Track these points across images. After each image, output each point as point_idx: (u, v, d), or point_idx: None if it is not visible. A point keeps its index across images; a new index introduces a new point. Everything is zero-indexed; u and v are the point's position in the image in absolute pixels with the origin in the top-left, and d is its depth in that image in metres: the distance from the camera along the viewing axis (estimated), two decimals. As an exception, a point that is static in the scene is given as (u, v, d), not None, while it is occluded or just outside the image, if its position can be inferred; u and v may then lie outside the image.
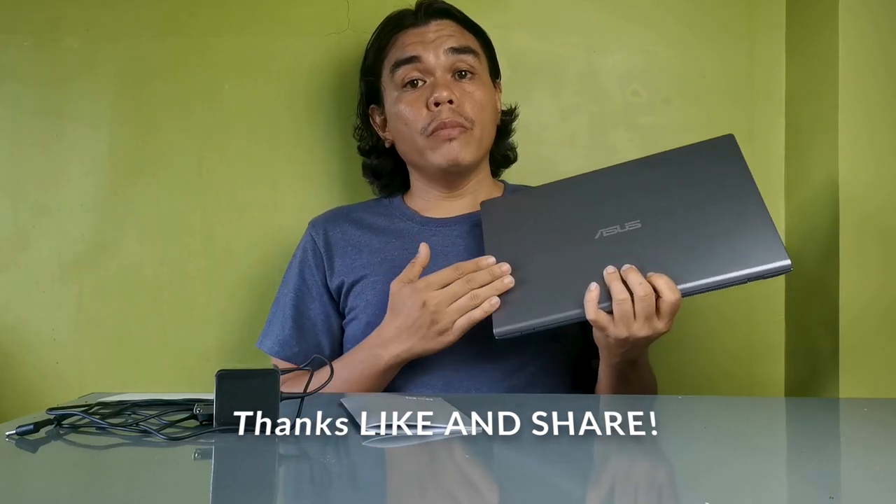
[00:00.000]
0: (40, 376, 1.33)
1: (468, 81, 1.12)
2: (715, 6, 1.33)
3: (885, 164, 1.15)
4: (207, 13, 1.34)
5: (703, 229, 0.94)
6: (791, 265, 0.90)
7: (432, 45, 1.12)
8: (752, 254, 0.91)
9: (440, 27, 1.13)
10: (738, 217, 0.94)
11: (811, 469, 0.68)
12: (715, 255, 0.92)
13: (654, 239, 0.95)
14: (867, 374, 1.14)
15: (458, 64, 1.12)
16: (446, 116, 1.09)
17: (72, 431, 0.77)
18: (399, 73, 1.12)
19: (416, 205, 1.19)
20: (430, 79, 1.11)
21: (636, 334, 0.92)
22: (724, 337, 1.33)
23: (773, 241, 0.91)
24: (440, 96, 1.09)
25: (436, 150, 1.10)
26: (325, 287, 1.15)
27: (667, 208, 0.97)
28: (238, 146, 1.34)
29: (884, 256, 1.14)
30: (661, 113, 1.34)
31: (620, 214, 0.98)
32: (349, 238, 1.16)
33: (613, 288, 0.91)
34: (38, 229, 1.33)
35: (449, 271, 1.00)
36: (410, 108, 1.11)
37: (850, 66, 1.15)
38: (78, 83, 1.33)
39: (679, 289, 0.91)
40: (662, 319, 0.92)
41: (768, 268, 0.90)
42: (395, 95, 1.13)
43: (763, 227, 0.92)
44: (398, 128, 1.14)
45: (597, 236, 0.98)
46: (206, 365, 1.32)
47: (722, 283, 0.91)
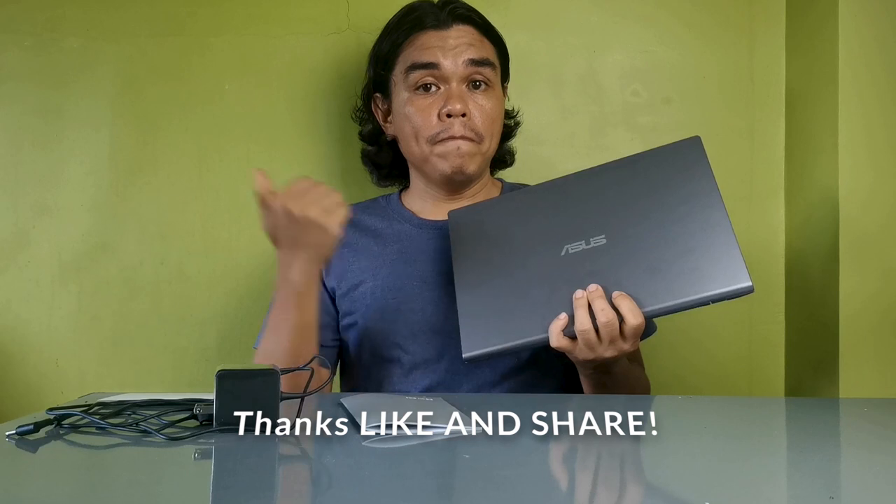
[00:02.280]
0: (40, 376, 1.33)
1: (481, 93, 1.12)
2: (715, 6, 1.34)
3: (885, 164, 1.15)
4: (207, 13, 1.34)
5: (667, 247, 0.94)
6: (753, 287, 0.90)
7: (451, 53, 1.10)
8: (715, 276, 0.91)
9: (461, 33, 1.12)
10: (702, 235, 0.94)
11: (811, 469, 0.68)
12: (678, 276, 0.92)
13: (619, 257, 0.95)
14: (867, 374, 1.14)
15: (475, 76, 1.11)
16: (457, 130, 1.09)
17: (72, 431, 0.77)
18: (414, 75, 1.11)
19: (413, 205, 1.19)
20: (445, 87, 1.11)
21: (602, 356, 0.93)
22: (724, 337, 1.33)
23: (736, 262, 0.91)
24: (454, 109, 1.08)
25: (442, 158, 1.10)
26: (323, 286, 1.15)
27: (631, 222, 0.97)
28: (238, 146, 1.34)
29: (884, 256, 1.14)
30: (661, 113, 1.33)
31: (586, 228, 0.98)
32: (346, 239, 1.15)
33: (578, 316, 0.91)
34: (38, 229, 1.34)
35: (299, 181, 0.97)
36: (421, 114, 1.10)
37: (850, 66, 1.15)
38: (78, 83, 1.33)
39: (643, 312, 0.91)
40: (627, 341, 0.93)
41: (730, 289, 0.90)
42: (405, 96, 1.12)
43: (726, 247, 0.92)
44: (404, 128, 1.13)
45: (563, 252, 0.98)
46: (206, 365, 1.32)
47: (685, 305, 0.91)
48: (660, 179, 0.99)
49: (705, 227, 0.94)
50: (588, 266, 0.95)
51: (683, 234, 0.94)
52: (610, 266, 0.95)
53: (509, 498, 0.60)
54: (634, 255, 0.95)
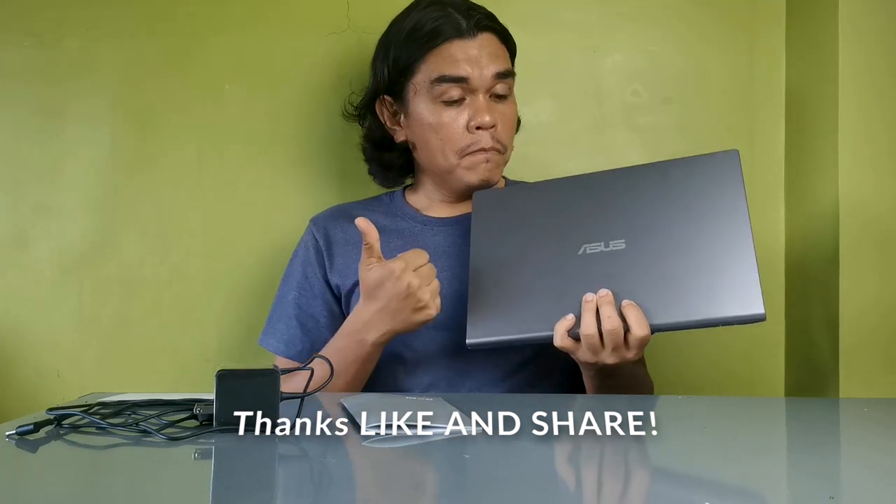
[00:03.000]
0: (40, 376, 1.33)
1: (504, 104, 1.12)
2: (715, 6, 1.33)
3: (886, 164, 1.15)
4: (207, 13, 1.34)
5: (685, 261, 0.93)
6: (765, 315, 0.89)
7: (478, 66, 1.09)
8: (729, 299, 0.89)
9: (484, 43, 1.11)
10: (723, 254, 0.92)
11: (811, 469, 0.68)
12: (692, 294, 0.91)
13: (635, 264, 0.94)
14: (867, 374, 1.14)
15: (498, 87, 1.11)
16: (486, 143, 1.09)
17: (72, 431, 0.77)
18: (442, 87, 1.09)
19: (418, 202, 1.19)
20: (470, 97, 1.10)
21: (604, 361, 0.93)
22: (724, 337, 1.32)
23: (753, 288, 0.89)
24: (484, 122, 1.08)
25: (470, 171, 1.11)
26: (327, 284, 1.15)
27: (653, 229, 0.96)
28: (238, 146, 1.34)
29: (884, 256, 1.14)
30: (661, 113, 1.33)
31: (606, 230, 0.97)
32: (350, 237, 1.15)
33: (585, 319, 0.91)
34: (38, 229, 1.34)
35: (419, 255, 0.99)
36: (450, 127, 1.10)
37: (850, 66, 1.15)
38: (78, 83, 1.33)
39: (650, 325, 0.91)
40: (631, 351, 0.92)
41: (742, 315, 0.89)
42: (430, 106, 1.11)
43: (745, 271, 0.90)
44: (428, 139, 1.12)
45: (580, 252, 0.97)
46: (206, 365, 1.32)
47: (694, 324, 0.90)
48: (689, 189, 0.98)
49: (728, 247, 0.92)
50: (603, 269, 0.95)
51: (704, 251, 0.93)
52: (625, 272, 0.94)
53: (509, 498, 0.60)
54: (651, 265, 0.94)
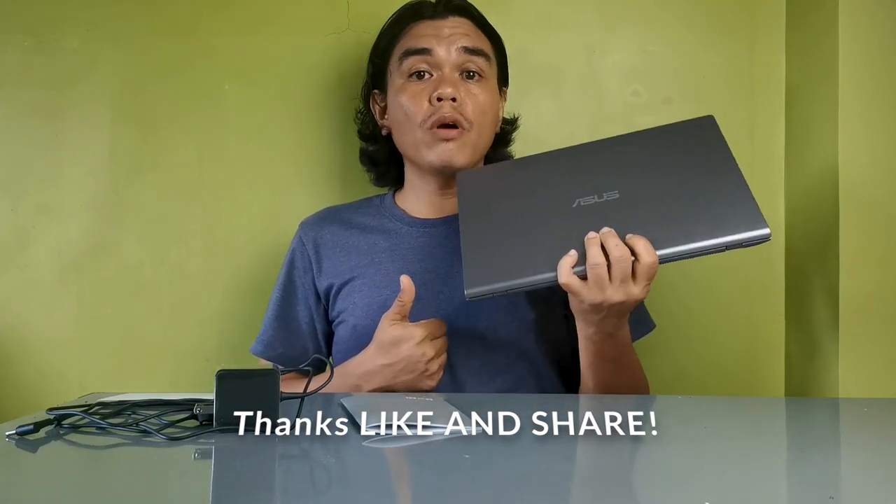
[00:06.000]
0: (40, 376, 1.33)
1: (474, 83, 1.11)
2: (715, 6, 1.33)
3: (885, 162, 1.15)
4: (207, 14, 1.34)
5: (682, 198, 0.93)
6: (770, 234, 0.88)
7: (445, 41, 1.11)
8: (732, 222, 0.90)
9: (457, 24, 1.13)
10: (718, 188, 0.93)
11: (811, 469, 0.68)
12: (694, 222, 0.91)
13: (633, 207, 0.94)
14: (867, 373, 1.14)
15: (468, 64, 1.11)
16: (447, 112, 1.08)
17: (72, 431, 0.77)
18: (408, 62, 1.11)
19: (406, 203, 1.19)
20: (437, 73, 1.10)
21: (611, 299, 0.90)
22: (724, 337, 1.33)
23: (753, 210, 0.90)
24: (444, 92, 1.08)
25: (431, 148, 1.10)
26: (314, 289, 1.15)
27: (645, 180, 0.96)
28: (238, 146, 1.34)
29: (884, 256, 1.14)
30: (661, 113, 1.33)
31: (598, 185, 0.97)
32: (338, 239, 1.16)
33: (590, 252, 0.89)
34: (38, 229, 1.34)
35: (439, 326, 1.02)
36: (413, 100, 1.10)
37: (849, 65, 1.15)
38: (78, 84, 1.33)
39: (657, 254, 0.89)
40: (639, 284, 0.90)
41: (748, 236, 0.89)
42: (399, 84, 1.12)
43: (742, 198, 0.91)
44: (397, 117, 1.13)
45: (574, 205, 0.96)
46: (206, 365, 1.32)
47: (701, 250, 0.89)
48: (674, 144, 0.99)
49: (721, 182, 0.93)
50: (601, 215, 0.93)
51: (699, 188, 0.93)
52: (624, 216, 0.93)
53: (509, 498, 0.60)
54: (649, 206, 0.93)
